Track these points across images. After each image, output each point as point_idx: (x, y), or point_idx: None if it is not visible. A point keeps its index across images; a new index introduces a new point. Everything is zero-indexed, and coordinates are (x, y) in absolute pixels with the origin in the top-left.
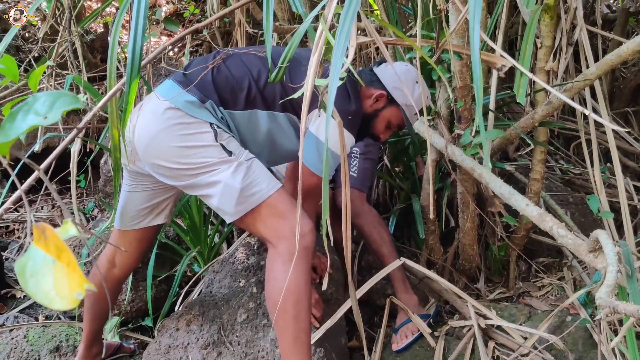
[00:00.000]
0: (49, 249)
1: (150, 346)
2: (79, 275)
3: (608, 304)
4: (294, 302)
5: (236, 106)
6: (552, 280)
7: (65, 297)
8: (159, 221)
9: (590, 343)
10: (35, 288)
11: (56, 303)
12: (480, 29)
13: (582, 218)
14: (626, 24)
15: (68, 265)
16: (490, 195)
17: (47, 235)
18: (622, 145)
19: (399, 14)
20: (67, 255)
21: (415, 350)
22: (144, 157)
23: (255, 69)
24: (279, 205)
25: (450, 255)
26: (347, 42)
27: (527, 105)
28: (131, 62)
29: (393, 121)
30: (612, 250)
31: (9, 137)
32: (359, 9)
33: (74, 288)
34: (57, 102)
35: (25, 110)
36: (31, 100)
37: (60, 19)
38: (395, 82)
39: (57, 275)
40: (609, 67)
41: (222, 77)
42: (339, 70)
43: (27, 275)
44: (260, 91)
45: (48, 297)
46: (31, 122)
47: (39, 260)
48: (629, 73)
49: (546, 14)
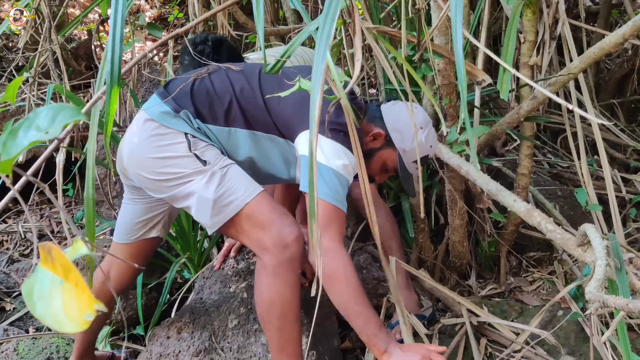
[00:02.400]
0: (56, 270)
1: (142, 355)
2: (87, 296)
3: (598, 298)
4: (278, 314)
5: (215, 121)
6: (542, 275)
7: (75, 319)
8: (153, 234)
9: (582, 337)
10: (44, 311)
11: (66, 326)
12: (462, 26)
13: (571, 211)
14: (609, 16)
15: (76, 286)
16: (479, 192)
17: (54, 256)
18: (609, 137)
19: (381, 12)
20: (75, 275)
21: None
22: (128, 168)
23: (239, 85)
24: (257, 215)
25: (440, 253)
26: (328, 41)
27: (512, 101)
28: (110, 70)
29: (389, 164)
30: (600, 244)
31: (11, 155)
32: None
33: (83, 309)
34: (58, 115)
35: (27, 126)
36: (32, 116)
37: (41, 28)
38: (396, 122)
39: (65, 296)
40: (592, 60)
41: (202, 90)
42: (321, 75)
43: (35, 297)
44: (242, 109)
45: (57, 320)
46: (33, 137)
47: (46, 281)
48: (613, 65)
49: (528, 8)
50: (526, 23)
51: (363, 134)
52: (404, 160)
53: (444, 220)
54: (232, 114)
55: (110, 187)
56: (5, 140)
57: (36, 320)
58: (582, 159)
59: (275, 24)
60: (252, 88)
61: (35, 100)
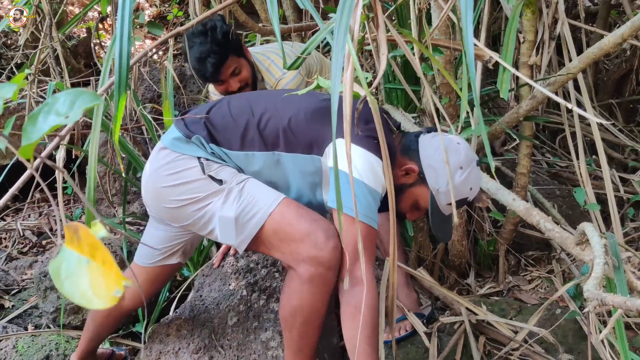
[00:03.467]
0: (82, 249)
1: (142, 352)
2: (115, 273)
3: (596, 296)
4: (302, 321)
5: (231, 146)
6: (541, 274)
7: (103, 296)
8: (173, 261)
9: (581, 335)
10: (72, 289)
11: (94, 303)
12: (462, 26)
13: (570, 210)
14: (608, 16)
15: (103, 264)
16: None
17: (80, 235)
18: (607, 137)
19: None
20: (103, 253)
21: (407, 348)
22: (146, 200)
23: (259, 107)
24: (285, 228)
25: (439, 252)
26: (345, 36)
27: (511, 100)
28: (119, 68)
29: (421, 203)
30: (598, 242)
31: (32, 139)
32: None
33: (111, 286)
34: (77, 100)
35: (46, 111)
36: (51, 101)
37: (41, 26)
38: (432, 159)
39: (92, 275)
40: (591, 60)
41: (218, 115)
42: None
43: (62, 277)
44: (260, 132)
45: (85, 297)
46: (53, 122)
47: (73, 261)
48: (612, 65)
49: (528, 8)
50: (526, 23)
51: (395, 167)
52: (437, 201)
53: None
54: (249, 136)
55: (110, 185)
56: (25, 125)
57: (35, 317)
58: (581, 158)
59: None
60: (275, 107)
61: (35, 97)
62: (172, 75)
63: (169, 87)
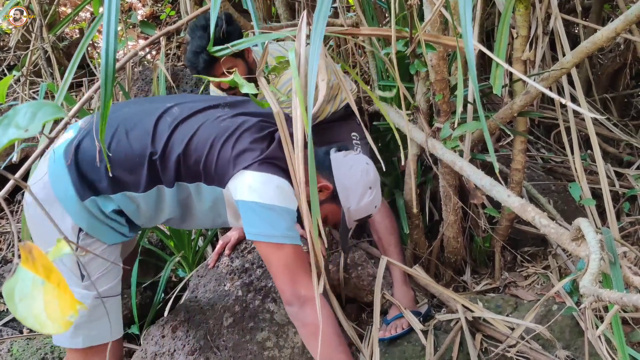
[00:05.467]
0: (38, 270)
1: (137, 354)
2: (69, 296)
3: (592, 292)
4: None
5: (138, 188)
6: (537, 270)
7: (57, 320)
8: None
9: (577, 331)
10: (25, 312)
11: (48, 327)
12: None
13: (565, 206)
14: (601, 10)
15: (58, 286)
16: (472, 188)
17: (35, 255)
18: (602, 132)
19: (375, 9)
20: (57, 276)
21: (403, 346)
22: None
23: (160, 134)
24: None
25: (435, 249)
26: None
27: (505, 96)
28: (105, 69)
29: (330, 218)
30: (594, 238)
31: None
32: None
33: (65, 310)
34: (38, 113)
35: (6, 124)
36: (11, 113)
37: (32, 27)
38: (346, 179)
39: (47, 297)
40: (584, 54)
41: (121, 153)
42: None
43: (16, 299)
44: (164, 162)
45: (39, 321)
46: (12, 135)
47: (27, 282)
48: (605, 59)
49: (521, 3)
50: (519, 18)
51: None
52: (346, 218)
53: (438, 216)
54: (153, 173)
55: None
56: None
57: None
58: (576, 153)
59: (268, 21)
60: (175, 133)
61: (27, 99)
62: (165, 74)
63: (162, 87)
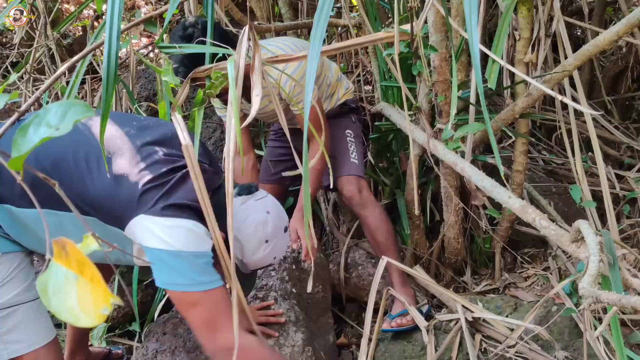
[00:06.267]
0: (71, 265)
1: (138, 351)
2: (103, 290)
3: (591, 293)
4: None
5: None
6: (537, 271)
7: (90, 313)
8: None
9: (576, 332)
10: (59, 306)
11: (82, 320)
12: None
13: (566, 208)
14: (604, 13)
15: (92, 280)
16: (474, 189)
17: (68, 250)
18: (603, 134)
19: (378, 10)
20: (90, 270)
21: (403, 345)
22: None
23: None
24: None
25: (435, 249)
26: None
27: (507, 98)
28: (107, 67)
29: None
30: (593, 240)
31: (22, 152)
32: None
33: (99, 303)
34: (68, 112)
35: (37, 123)
36: (42, 113)
37: (36, 24)
38: (239, 231)
39: (80, 291)
40: (586, 57)
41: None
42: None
43: (49, 293)
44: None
45: (73, 314)
46: (43, 134)
47: (60, 276)
48: (607, 62)
49: (524, 5)
50: (521, 20)
51: None
52: (238, 266)
53: (439, 217)
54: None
55: None
56: (16, 137)
57: None
58: (577, 155)
59: (271, 21)
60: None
61: (30, 96)
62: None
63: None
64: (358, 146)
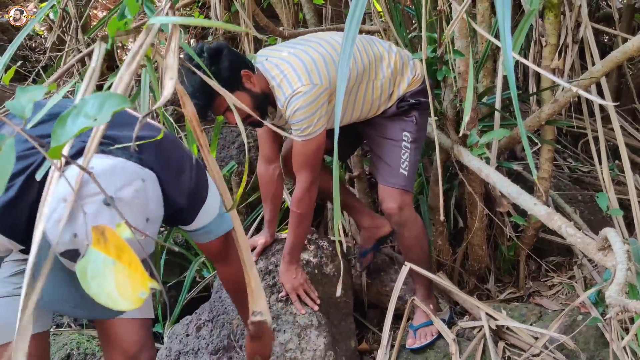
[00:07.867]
0: (109, 251)
1: (161, 352)
2: (141, 274)
3: (618, 302)
4: None
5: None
6: (562, 279)
7: (128, 297)
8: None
9: (602, 342)
10: (98, 290)
11: (120, 303)
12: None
13: (592, 216)
14: (632, 20)
15: (130, 266)
16: (498, 195)
17: (107, 237)
18: (631, 142)
19: (403, 16)
20: (129, 255)
21: (426, 353)
22: None
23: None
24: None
25: (459, 256)
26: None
27: (533, 104)
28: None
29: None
30: (621, 248)
31: (60, 142)
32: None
33: (136, 287)
34: (105, 103)
35: (75, 113)
36: (80, 104)
37: (67, 29)
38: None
39: (118, 276)
40: (614, 64)
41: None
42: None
43: (88, 277)
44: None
45: (112, 297)
46: (81, 124)
47: (99, 262)
48: (635, 69)
49: (550, 11)
50: (548, 26)
51: None
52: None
53: (463, 224)
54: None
55: None
56: (55, 127)
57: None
58: (604, 163)
59: (296, 26)
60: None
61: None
62: None
63: None
64: (413, 153)
